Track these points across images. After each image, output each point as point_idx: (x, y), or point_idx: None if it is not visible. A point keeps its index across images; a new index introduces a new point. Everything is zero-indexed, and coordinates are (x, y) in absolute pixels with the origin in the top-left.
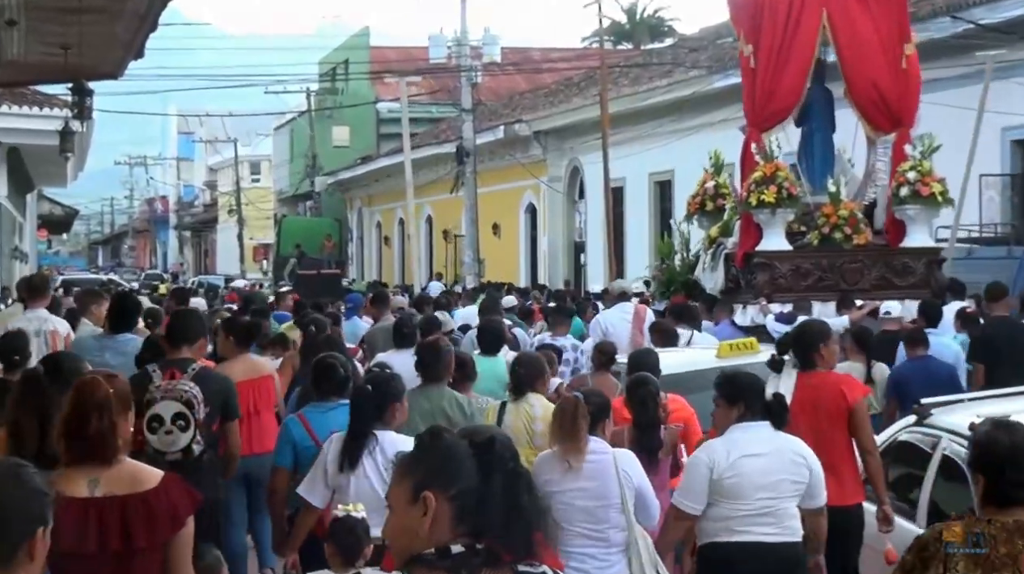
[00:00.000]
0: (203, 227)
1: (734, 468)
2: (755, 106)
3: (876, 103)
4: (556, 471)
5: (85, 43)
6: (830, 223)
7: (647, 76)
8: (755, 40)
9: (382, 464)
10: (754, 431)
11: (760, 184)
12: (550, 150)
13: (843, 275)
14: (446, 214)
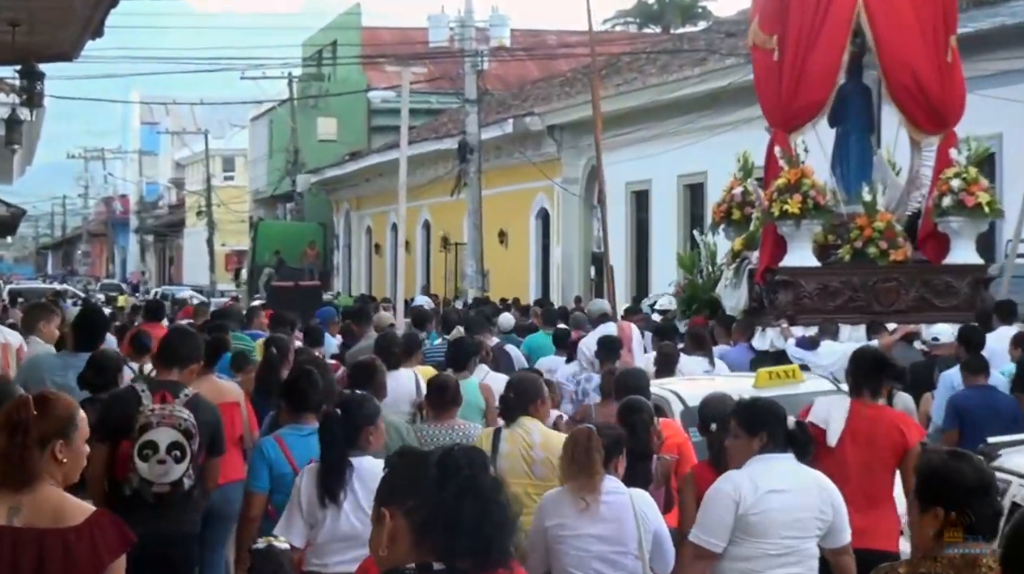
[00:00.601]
0: (168, 231)
1: (760, 503)
2: (780, 103)
3: (916, 98)
4: (569, 511)
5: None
6: (864, 236)
7: (677, 64)
8: (780, 30)
9: (360, 494)
10: (777, 464)
11: (783, 192)
12: (565, 147)
13: (876, 295)
14: (446, 219)
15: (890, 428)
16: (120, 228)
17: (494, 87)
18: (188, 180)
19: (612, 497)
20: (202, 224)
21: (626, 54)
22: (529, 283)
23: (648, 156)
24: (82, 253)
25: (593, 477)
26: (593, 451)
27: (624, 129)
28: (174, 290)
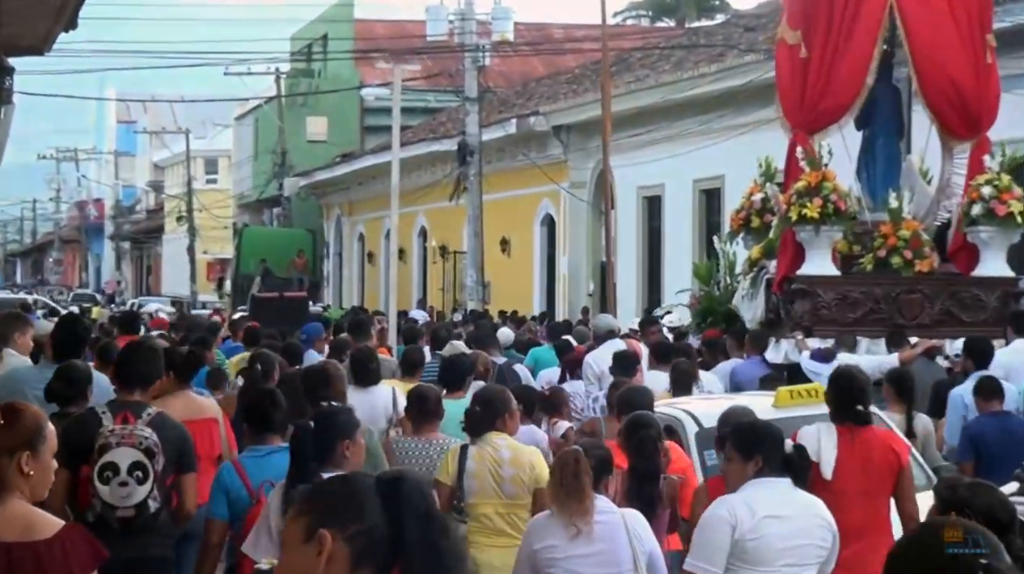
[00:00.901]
0: (146, 238)
1: (758, 529)
2: (804, 103)
3: (953, 102)
4: (560, 536)
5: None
6: (888, 245)
7: (692, 60)
8: (806, 25)
9: None
10: (774, 489)
11: (803, 196)
12: (572, 149)
13: (899, 307)
14: (444, 226)
15: (884, 450)
16: (94, 234)
17: (496, 84)
18: (167, 183)
19: (604, 517)
20: (182, 230)
21: (638, 49)
22: (533, 295)
23: (661, 159)
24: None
25: (583, 502)
26: (582, 475)
27: (636, 130)
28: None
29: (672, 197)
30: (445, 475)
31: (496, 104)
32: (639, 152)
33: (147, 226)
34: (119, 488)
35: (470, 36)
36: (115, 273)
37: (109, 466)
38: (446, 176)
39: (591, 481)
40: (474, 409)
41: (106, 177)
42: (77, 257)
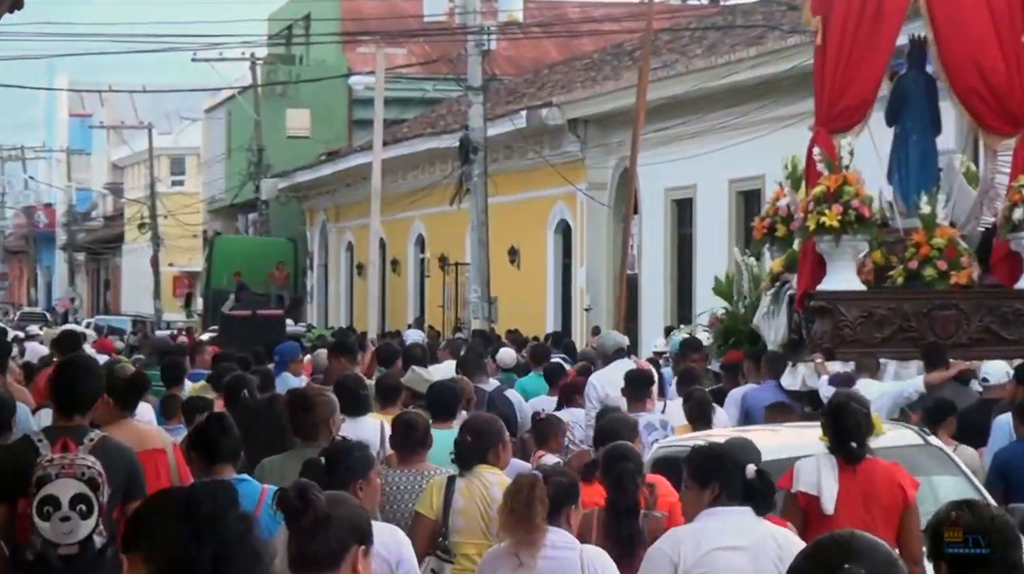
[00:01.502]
0: (103, 248)
1: (704, 564)
2: (824, 100)
3: (982, 95)
4: (505, 569)
5: None
6: (920, 255)
7: (728, 43)
8: (825, 11)
9: None
10: (731, 518)
11: (821, 202)
12: (590, 146)
13: (932, 325)
14: (444, 234)
15: (890, 484)
16: (44, 244)
17: (503, 72)
18: (127, 186)
19: (557, 553)
20: (145, 240)
21: (666, 31)
22: (547, 312)
23: (693, 157)
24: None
25: (531, 532)
26: (535, 502)
27: (663, 124)
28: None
29: (705, 200)
30: (427, 508)
31: (503, 94)
32: (667, 149)
33: (104, 235)
34: (61, 523)
35: (473, 16)
36: (68, 289)
37: (49, 500)
38: (446, 177)
39: (545, 510)
40: (464, 439)
41: (57, 179)
42: (24, 270)
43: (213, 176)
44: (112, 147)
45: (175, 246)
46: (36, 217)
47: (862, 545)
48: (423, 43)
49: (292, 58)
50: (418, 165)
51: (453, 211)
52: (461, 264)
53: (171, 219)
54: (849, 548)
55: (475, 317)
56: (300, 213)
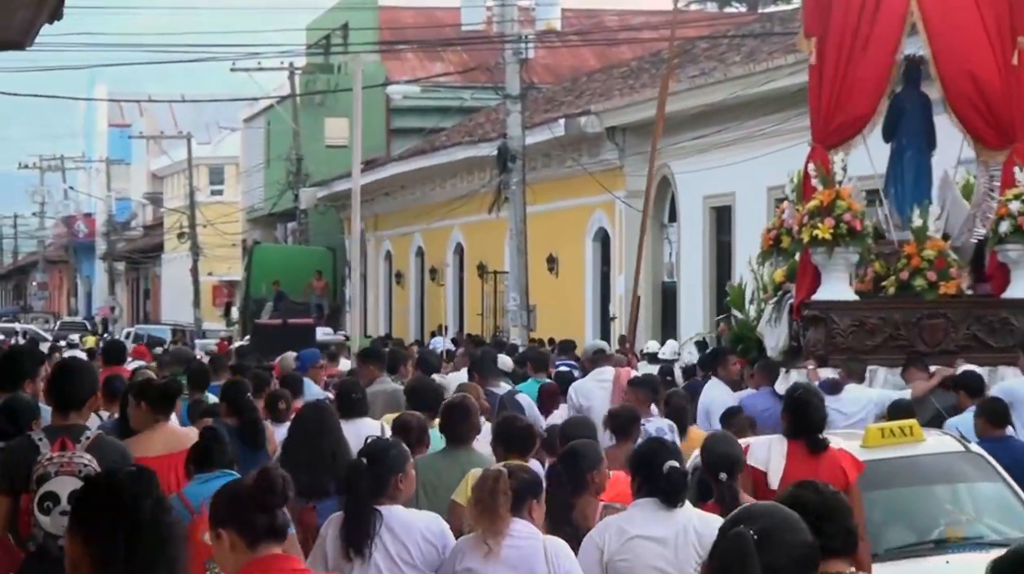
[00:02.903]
0: (143, 257)
1: (626, 550)
2: (820, 117)
3: (979, 108)
4: (476, 556)
5: None
6: (911, 266)
7: (766, 51)
8: (821, 32)
9: (389, 544)
10: (649, 509)
11: (815, 215)
12: (629, 154)
13: (921, 333)
14: (483, 242)
15: (833, 467)
16: (84, 254)
17: (541, 80)
18: (167, 195)
19: (521, 542)
20: (184, 249)
21: (704, 38)
22: (585, 320)
23: (731, 164)
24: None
25: (495, 521)
26: (499, 494)
27: (701, 131)
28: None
29: (744, 207)
30: (464, 498)
31: (541, 102)
32: (705, 156)
33: (144, 244)
34: (60, 517)
35: (511, 25)
36: (108, 298)
37: (49, 496)
38: (485, 185)
39: (508, 502)
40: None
41: (97, 188)
42: (64, 280)
43: (252, 185)
44: (151, 157)
45: (214, 255)
46: (76, 227)
47: (758, 510)
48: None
49: (330, 67)
50: (456, 174)
51: (492, 219)
52: (500, 272)
53: (210, 228)
54: (748, 513)
55: (514, 325)
56: (339, 222)
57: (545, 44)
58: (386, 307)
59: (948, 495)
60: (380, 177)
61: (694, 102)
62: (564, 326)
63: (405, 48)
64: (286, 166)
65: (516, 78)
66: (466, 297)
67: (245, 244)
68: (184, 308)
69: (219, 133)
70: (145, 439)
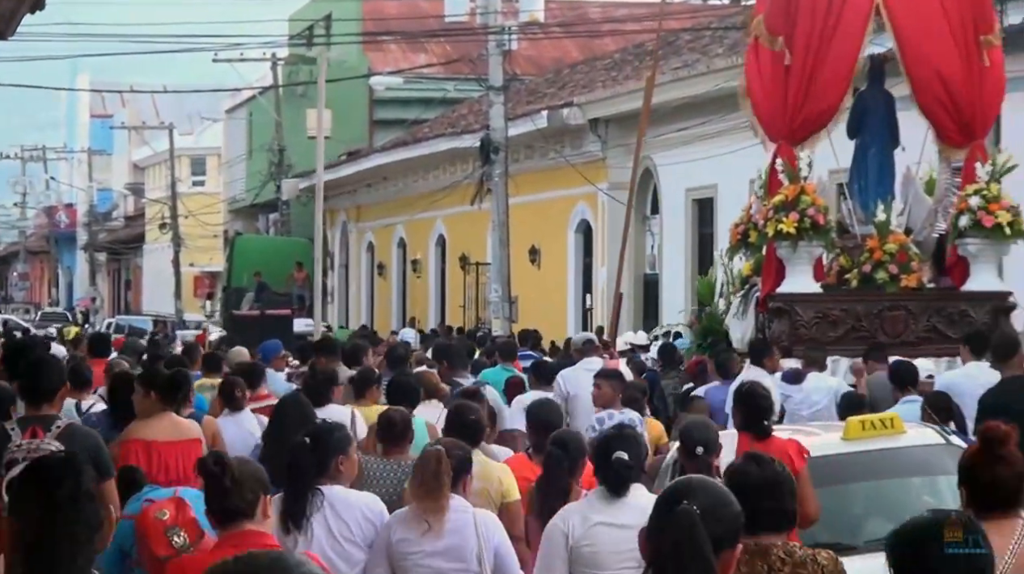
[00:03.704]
0: (124, 248)
1: (589, 536)
2: (786, 111)
3: (945, 106)
4: (413, 531)
5: None
6: (873, 259)
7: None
8: (788, 31)
9: (331, 522)
10: (607, 498)
11: (779, 210)
12: (611, 145)
13: (882, 325)
14: (465, 234)
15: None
16: (65, 244)
17: (524, 72)
18: (148, 186)
19: (456, 515)
20: (166, 240)
21: (688, 30)
22: (567, 311)
23: (714, 156)
24: (18, 275)
25: (439, 501)
26: (442, 475)
27: (684, 123)
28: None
29: (726, 199)
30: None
31: (524, 94)
32: (688, 149)
33: (126, 235)
34: None
35: (494, 16)
36: (89, 289)
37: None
38: (467, 177)
39: (450, 481)
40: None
41: (79, 179)
42: (46, 270)
43: (234, 176)
44: (133, 147)
45: (196, 246)
46: (57, 217)
47: (696, 485)
48: (444, 43)
49: (313, 59)
50: (439, 165)
51: (474, 211)
52: (482, 264)
53: (192, 219)
54: (688, 488)
55: (496, 317)
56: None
57: (528, 36)
58: (368, 299)
59: (928, 487)
60: (362, 168)
61: (677, 94)
62: (546, 318)
63: (388, 39)
64: (268, 157)
65: (499, 70)
66: (448, 289)
67: (227, 235)
68: (165, 299)
69: (201, 124)
70: (151, 426)
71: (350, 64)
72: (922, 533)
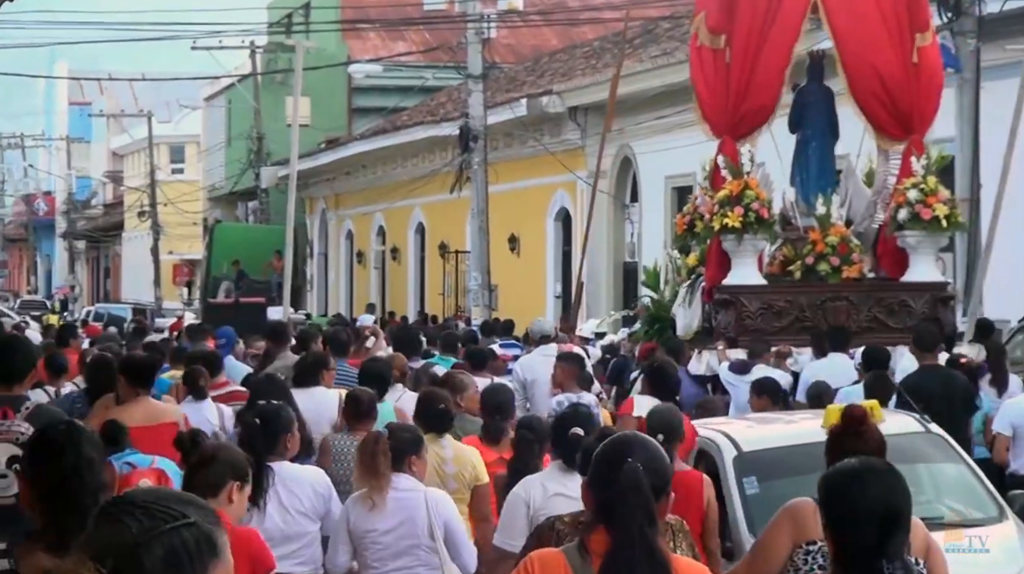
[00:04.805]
0: (103, 236)
1: (548, 506)
2: (727, 108)
3: (881, 100)
4: (362, 511)
5: None
6: (815, 251)
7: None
8: (728, 29)
9: (283, 496)
10: (562, 470)
11: (725, 204)
12: (590, 134)
13: (825, 315)
14: (444, 222)
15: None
16: (44, 232)
17: (503, 60)
18: (127, 174)
19: (402, 494)
20: (145, 228)
21: (666, 19)
22: (547, 299)
23: (693, 144)
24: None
25: (378, 479)
26: (378, 455)
27: (663, 111)
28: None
29: None
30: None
31: (503, 82)
32: (667, 137)
33: (104, 223)
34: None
35: (473, 4)
36: (68, 277)
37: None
38: (446, 165)
39: (388, 462)
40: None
41: (57, 167)
42: (24, 258)
43: (213, 164)
44: (112, 135)
45: (175, 234)
46: (36, 205)
47: (636, 442)
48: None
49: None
50: (418, 153)
51: (453, 199)
52: (461, 252)
53: (171, 207)
54: (630, 446)
55: (475, 305)
56: (300, 201)
57: (507, 24)
58: (347, 287)
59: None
60: (341, 156)
61: (656, 82)
62: (526, 306)
63: (367, 27)
64: (247, 145)
65: (478, 58)
66: (427, 277)
67: (206, 223)
68: (145, 287)
69: (180, 112)
70: (126, 410)
71: (329, 52)
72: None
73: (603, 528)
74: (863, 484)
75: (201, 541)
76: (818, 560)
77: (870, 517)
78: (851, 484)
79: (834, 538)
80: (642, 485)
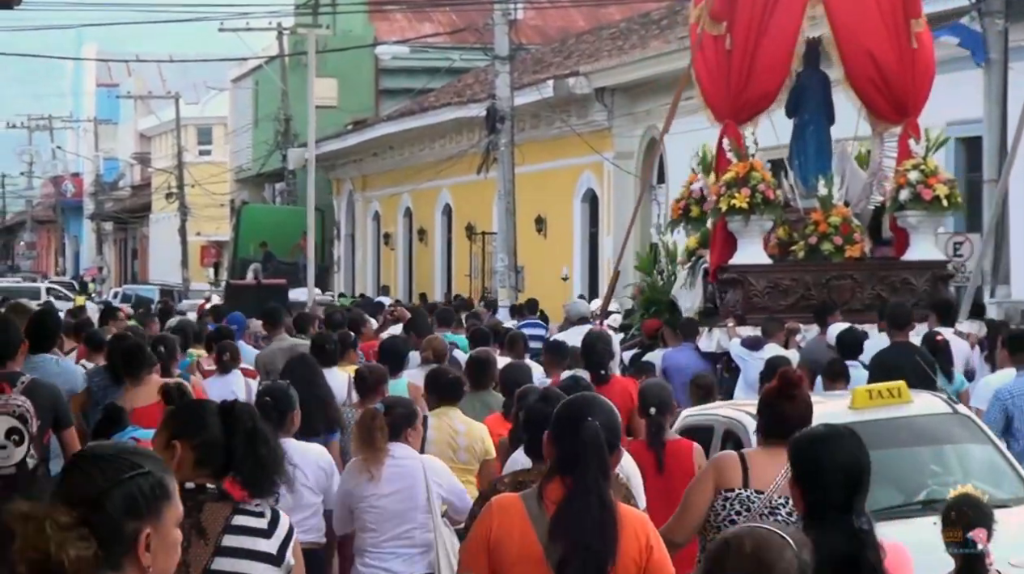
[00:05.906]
0: (131, 217)
1: None
2: (729, 93)
3: (877, 84)
4: (360, 480)
5: None
6: (818, 232)
7: None
8: (729, 16)
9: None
10: None
11: (731, 186)
12: (617, 115)
13: (830, 293)
14: (471, 203)
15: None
16: (72, 214)
17: (530, 41)
18: (155, 155)
19: (400, 462)
20: (172, 209)
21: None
22: (573, 281)
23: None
24: (25, 244)
25: (376, 452)
26: (375, 430)
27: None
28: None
29: None
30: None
31: (530, 64)
32: (695, 118)
33: (132, 204)
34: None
35: None
36: (96, 258)
37: None
38: (473, 146)
39: (385, 436)
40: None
41: (85, 148)
42: (52, 240)
43: (240, 146)
44: (139, 117)
45: (202, 215)
46: (64, 187)
47: (594, 403)
48: (450, 13)
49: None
50: (445, 134)
51: (480, 180)
52: (488, 233)
53: (198, 189)
54: (589, 406)
55: (502, 286)
56: (327, 183)
57: (534, 5)
58: (374, 268)
59: (935, 455)
60: (368, 138)
61: (683, 63)
62: (552, 287)
63: (394, 9)
64: (274, 126)
65: (505, 39)
66: (454, 258)
67: (233, 204)
68: (172, 268)
69: (207, 93)
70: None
71: (356, 33)
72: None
73: (560, 478)
74: (831, 448)
75: (155, 486)
76: (735, 506)
77: (837, 477)
78: (819, 448)
79: (805, 497)
80: (600, 441)
